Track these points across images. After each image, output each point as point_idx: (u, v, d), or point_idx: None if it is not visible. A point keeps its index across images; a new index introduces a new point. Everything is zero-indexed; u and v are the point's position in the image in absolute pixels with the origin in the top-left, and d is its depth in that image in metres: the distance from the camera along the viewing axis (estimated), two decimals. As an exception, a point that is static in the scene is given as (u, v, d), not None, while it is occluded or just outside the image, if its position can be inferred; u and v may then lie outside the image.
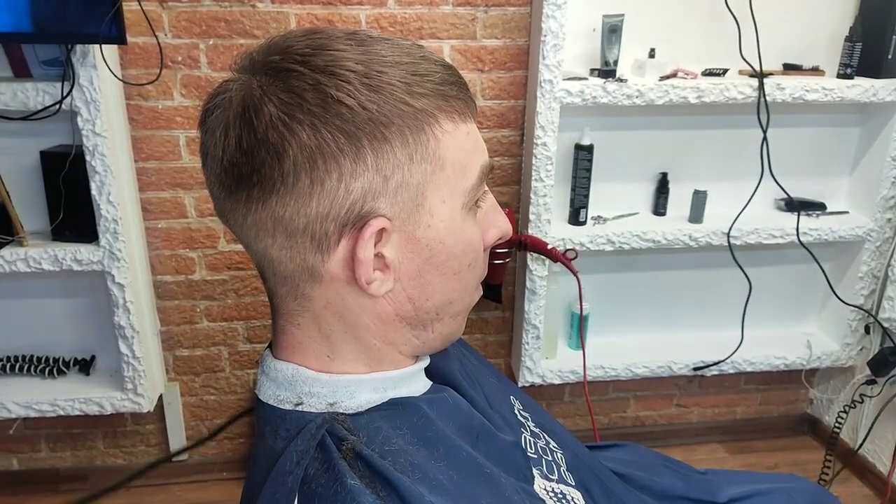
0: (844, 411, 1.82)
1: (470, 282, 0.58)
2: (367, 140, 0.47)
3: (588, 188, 1.69)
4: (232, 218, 0.52)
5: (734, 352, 1.86)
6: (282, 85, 0.47)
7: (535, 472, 0.65)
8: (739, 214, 1.72)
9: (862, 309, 1.85)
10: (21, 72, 1.47)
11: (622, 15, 1.56)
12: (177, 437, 1.88)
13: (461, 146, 0.52)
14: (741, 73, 1.69)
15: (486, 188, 0.57)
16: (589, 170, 1.67)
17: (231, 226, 0.53)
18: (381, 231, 0.50)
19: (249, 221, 0.50)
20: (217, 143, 0.50)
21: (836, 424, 1.85)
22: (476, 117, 0.56)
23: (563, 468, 0.71)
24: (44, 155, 1.52)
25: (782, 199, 1.83)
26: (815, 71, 1.69)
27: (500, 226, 0.59)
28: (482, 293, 0.62)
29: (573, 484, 0.70)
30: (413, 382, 0.59)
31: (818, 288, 1.96)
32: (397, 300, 0.54)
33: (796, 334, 1.99)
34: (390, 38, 0.52)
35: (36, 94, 1.42)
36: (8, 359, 1.71)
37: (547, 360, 1.82)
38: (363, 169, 0.48)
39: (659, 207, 1.79)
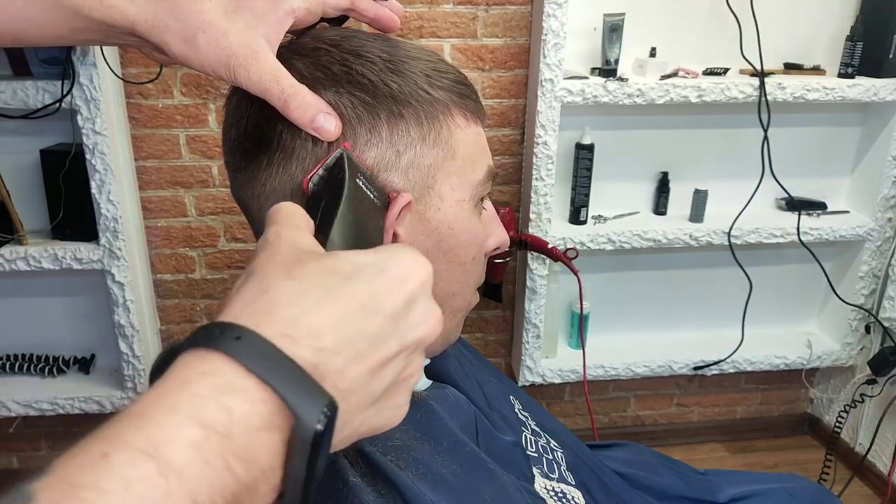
0: (845, 411, 1.82)
1: (472, 278, 0.58)
2: (384, 114, 0.49)
3: (589, 187, 1.69)
4: (249, 189, 0.52)
5: (734, 351, 1.86)
6: (310, 60, 0.50)
7: (535, 470, 0.65)
8: (740, 214, 1.71)
9: (862, 308, 1.85)
10: (21, 70, 1.47)
11: (623, 14, 1.56)
12: (177, 436, 1.87)
13: (471, 143, 0.54)
14: (742, 72, 1.68)
15: (487, 199, 0.58)
16: (589, 169, 1.67)
17: (247, 200, 0.53)
18: (403, 207, 0.50)
19: (268, 189, 0.50)
20: (242, 111, 0.51)
21: (837, 424, 1.85)
22: (484, 124, 0.58)
23: (564, 467, 0.71)
24: (44, 153, 1.52)
25: (783, 199, 1.83)
26: (816, 70, 1.69)
27: (498, 235, 0.61)
28: (478, 299, 0.63)
29: (573, 483, 0.70)
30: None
31: (819, 287, 1.96)
32: None
33: (796, 334, 1.99)
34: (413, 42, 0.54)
35: (36, 92, 1.42)
36: (8, 357, 1.70)
37: (547, 359, 1.82)
38: (377, 140, 0.49)
39: (659, 207, 1.79)
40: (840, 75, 1.68)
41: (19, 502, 0.24)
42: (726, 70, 1.66)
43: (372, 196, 0.46)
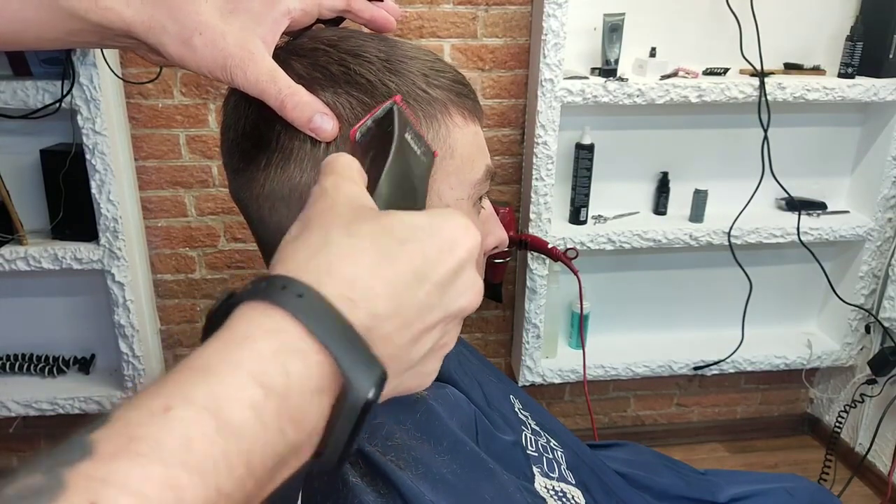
0: (845, 411, 1.82)
1: None
2: None
3: (588, 187, 1.69)
4: (248, 190, 0.52)
5: (734, 351, 1.86)
6: (308, 61, 0.49)
7: (535, 470, 0.65)
8: (740, 214, 1.71)
9: (862, 308, 1.85)
10: (21, 70, 1.47)
11: (623, 14, 1.56)
12: (177, 436, 1.87)
13: (470, 142, 0.54)
14: (742, 72, 1.68)
15: (486, 198, 0.58)
16: (589, 169, 1.67)
17: (246, 201, 0.53)
18: None
19: (267, 191, 0.50)
20: (240, 112, 0.51)
21: (837, 424, 1.85)
22: (483, 124, 0.57)
23: (564, 466, 0.71)
24: (44, 153, 1.52)
25: (783, 199, 1.83)
26: (816, 70, 1.69)
27: (497, 235, 0.61)
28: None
29: (573, 482, 0.70)
30: (415, 378, 0.59)
31: (819, 287, 1.96)
32: None
33: (796, 334, 1.99)
34: (411, 42, 0.54)
35: (36, 92, 1.42)
36: (8, 357, 1.70)
37: (547, 359, 1.82)
38: None
39: (659, 206, 1.79)
40: (840, 75, 1.68)
41: (78, 452, 0.24)
42: (726, 70, 1.66)
43: (419, 152, 0.45)
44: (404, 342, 0.33)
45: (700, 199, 1.74)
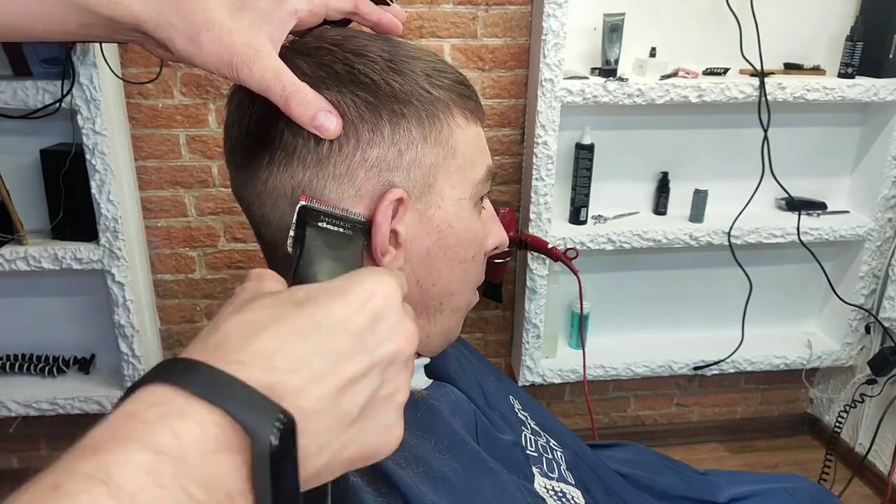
0: (845, 411, 1.82)
1: (472, 276, 0.59)
2: (386, 113, 0.50)
3: (589, 187, 1.69)
4: (251, 187, 0.52)
5: (734, 351, 1.86)
6: (313, 60, 0.50)
7: (535, 470, 0.65)
8: (740, 214, 1.71)
9: (862, 308, 1.85)
10: (21, 70, 1.47)
11: (623, 14, 1.56)
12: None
13: (472, 142, 0.55)
14: (742, 72, 1.68)
15: (486, 198, 0.59)
16: (589, 169, 1.67)
17: (248, 199, 0.53)
18: (398, 204, 0.51)
19: (269, 187, 0.51)
20: (244, 109, 0.52)
21: (837, 424, 1.85)
22: (484, 125, 0.58)
23: (563, 467, 0.71)
24: (44, 153, 1.52)
25: (783, 199, 1.83)
26: (816, 70, 1.69)
27: (497, 235, 0.61)
28: (478, 298, 0.63)
29: (573, 482, 0.70)
30: (415, 376, 0.59)
31: (819, 287, 1.96)
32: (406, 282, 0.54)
33: (797, 334, 1.99)
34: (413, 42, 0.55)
35: (36, 92, 1.42)
36: (8, 357, 1.70)
37: (547, 359, 1.82)
38: (379, 139, 0.50)
39: (659, 207, 1.79)
40: (840, 75, 1.68)
41: None
42: (726, 70, 1.66)
43: (341, 230, 0.47)
44: (327, 393, 0.32)
45: (700, 199, 1.74)
